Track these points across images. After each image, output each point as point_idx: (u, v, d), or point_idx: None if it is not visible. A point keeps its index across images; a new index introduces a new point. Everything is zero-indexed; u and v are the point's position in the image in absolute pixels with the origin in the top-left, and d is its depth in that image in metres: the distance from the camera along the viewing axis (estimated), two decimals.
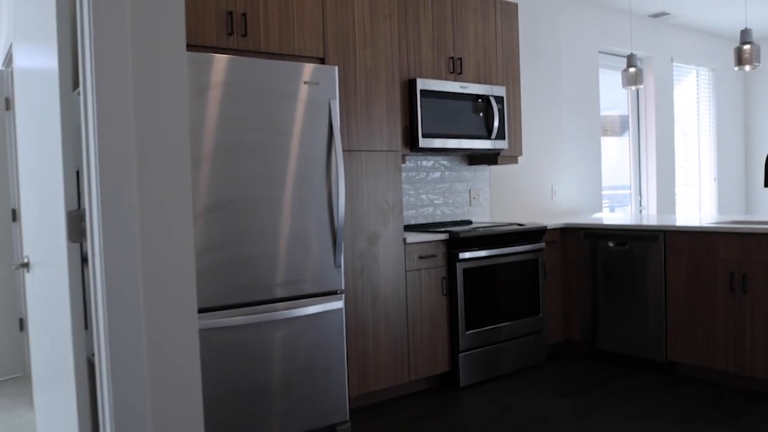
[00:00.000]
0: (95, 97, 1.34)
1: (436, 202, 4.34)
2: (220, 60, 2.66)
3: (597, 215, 4.96)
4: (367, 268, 3.28)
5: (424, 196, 4.27)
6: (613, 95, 5.94)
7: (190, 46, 2.72)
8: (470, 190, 4.53)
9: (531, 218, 4.86)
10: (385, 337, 3.36)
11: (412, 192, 4.21)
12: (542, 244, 4.01)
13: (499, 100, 4.09)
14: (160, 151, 1.49)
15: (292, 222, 2.86)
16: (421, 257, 3.50)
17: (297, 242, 2.87)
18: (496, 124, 4.03)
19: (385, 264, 3.35)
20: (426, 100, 3.73)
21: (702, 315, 3.53)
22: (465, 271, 3.62)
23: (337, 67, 3.01)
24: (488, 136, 4.04)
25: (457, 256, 3.58)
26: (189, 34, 2.68)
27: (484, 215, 4.63)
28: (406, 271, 3.44)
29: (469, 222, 4.44)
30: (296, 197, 2.87)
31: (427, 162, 4.29)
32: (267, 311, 2.78)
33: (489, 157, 4.33)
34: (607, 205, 5.89)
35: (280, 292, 2.83)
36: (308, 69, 2.90)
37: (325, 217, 2.96)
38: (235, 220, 2.70)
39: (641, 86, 4.57)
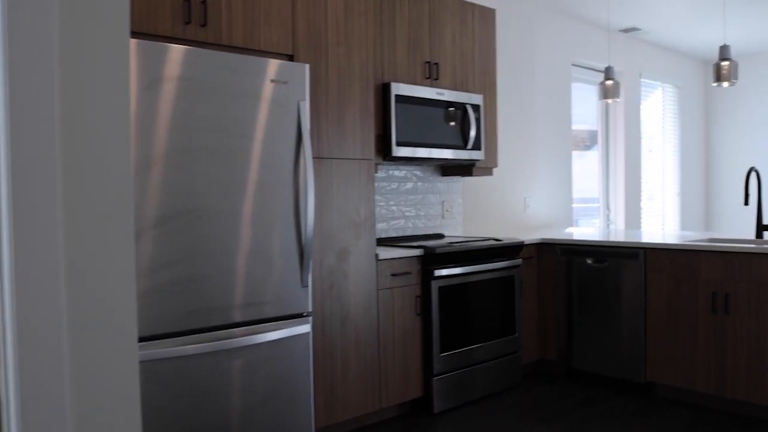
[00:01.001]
0: (8, 88, 1.04)
1: (407, 214, 4.09)
2: (176, 51, 2.35)
3: (569, 229, 4.81)
4: (337, 286, 3.00)
5: (395, 208, 4.02)
6: (579, 109, 5.83)
7: (140, 35, 2.40)
8: (443, 202, 4.30)
9: (504, 232, 4.66)
10: (354, 362, 3.07)
11: (383, 203, 3.95)
12: (519, 261, 3.80)
13: (476, 108, 3.88)
14: (93, 154, 1.19)
15: (253, 236, 2.56)
16: (394, 274, 3.24)
17: (259, 259, 2.57)
18: (472, 133, 3.82)
19: (355, 282, 3.07)
20: (400, 105, 3.49)
21: (683, 335, 3.37)
22: (440, 289, 3.38)
23: (308, 65, 2.73)
24: (464, 146, 3.82)
25: (432, 273, 3.33)
26: (139, 21, 2.37)
27: (456, 228, 4.40)
28: (378, 290, 3.17)
29: (442, 236, 4.20)
30: (259, 208, 2.57)
31: (399, 172, 4.04)
32: (223, 338, 2.47)
33: (463, 168, 4.11)
34: (573, 217, 5.75)
35: (238, 316, 2.52)
36: (276, 66, 2.62)
37: (291, 231, 2.67)
38: (189, 234, 2.38)
39: (618, 99, 4.44)
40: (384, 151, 3.48)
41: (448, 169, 4.23)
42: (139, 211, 2.26)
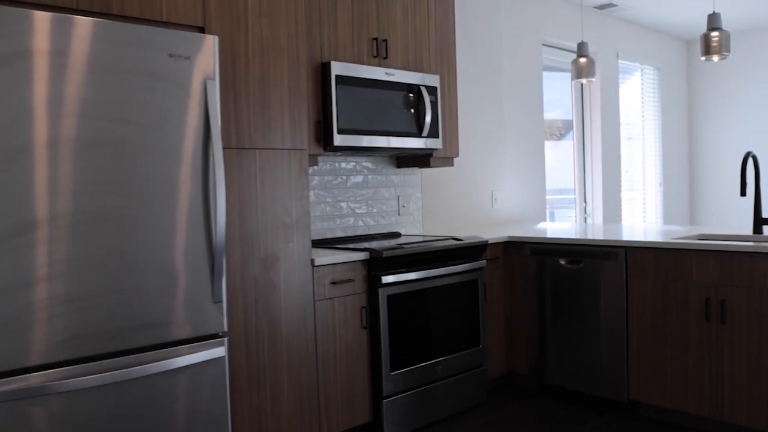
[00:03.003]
0: None
1: (358, 211, 3.64)
2: (42, 19, 1.87)
3: (542, 225, 4.39)
4: (264, 299, 2.55)
5: (343, 205, 3.57)
6: (553, 96, 5.41)
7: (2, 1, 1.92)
8: (399, 197, 3.86)
9: (469, 229, 4.23)
10: (288, 387, 2.63)
11: (329, 200, 3.50)
12: (483, 263, 3.37)
13: (432, 90, 3.43)
14: None
15: (149, 244, 2.09)
16: (334, 283, 2.79)
17: (156, 272, 2.11)
18: (428, 119, 3.37)
19: (287, 293, 2.62)
20: (343, 88, 3.03)
21: (671, 348, 2.97)
22: (390, 298, 2.94)
23: (217, 38, 2.26)
24: (419, 134, 3.38)
25: (380, 279, 2.89)
26: None
27: (414, 226, 3.96)
28: (314, 301, 2.73)
29: (398, 234, 3.77)
30: (156, 211, 2.11)
31: (347, 164, 3.59)
32: (108, 369, 2.00)
33: (420, 159, 3.67)
34: (549, 209, 5.35)
35: (131, 341, 2.06)
36: (175, 38, 2.15)
37: (200, 237, 2.21)
38: (63, 244, 1.91)
39: (593, 79, 4.01)
40: (325, 140, 3.04)
41: (404, 159, 3.79)
42: None
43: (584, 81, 3.95)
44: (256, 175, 2.53)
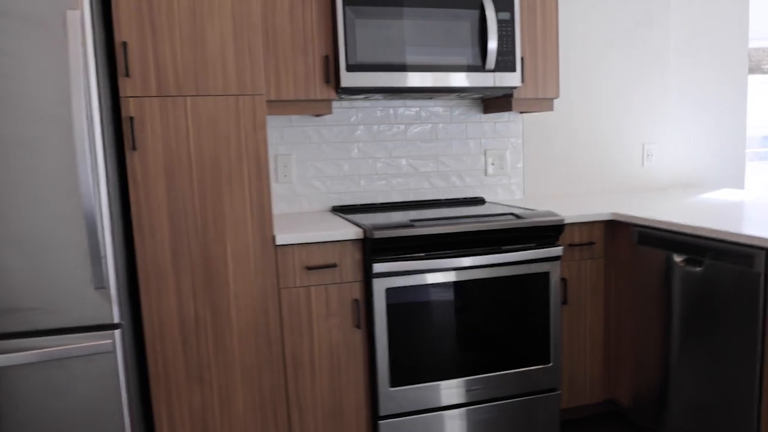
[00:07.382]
0: None
1: (422, 169, 2.90)
2: None
3: (723, 194, 3.05)
4: (204, 282, 2.07)
5: (402, 161, 2.86)
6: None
7: None
8: (486, 152, 2.98)
9: (599, 196, 3.12)
10: (243, 389, 2.15)
11: (380, 154, 2.82)
12: (558, 249, 2.39)
13: (504, 4, 2.47)
14: None
15: (5, 216, 1.76)
16: (309, 267, 2.18)
17: (16, 249, 1.77)
18: (491, 45, 2.44)
19: (238, 277, 2.10)
20: (356, 9, 2.31)
21: None
22: (390, 291, 2.22)
23: None
24: (482, 67, 2.48)
25: (371, 267, 2.18)
26: None
27: (510, 190, 3.05)
28: (279, 288, 2.16)
29: (481, 200, 2.93)
30: (11, 178, 1.75)
31: (407, 110, 2.84)
32: None
33: (502, 101, 2.74)
34: None
35: None
36: None
37: (71, 209, 1.81)
38: None
39: None
40: (336, 81, 2.37)
41: (490, 103, 2.88)
42: None
43: None
44: (188, 129, 2.02)
